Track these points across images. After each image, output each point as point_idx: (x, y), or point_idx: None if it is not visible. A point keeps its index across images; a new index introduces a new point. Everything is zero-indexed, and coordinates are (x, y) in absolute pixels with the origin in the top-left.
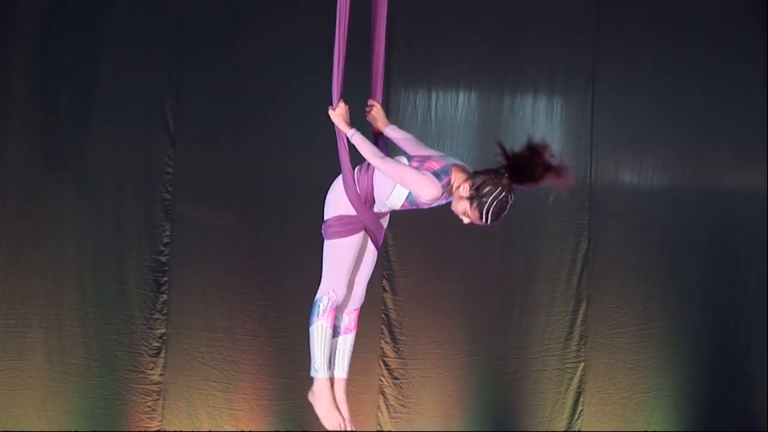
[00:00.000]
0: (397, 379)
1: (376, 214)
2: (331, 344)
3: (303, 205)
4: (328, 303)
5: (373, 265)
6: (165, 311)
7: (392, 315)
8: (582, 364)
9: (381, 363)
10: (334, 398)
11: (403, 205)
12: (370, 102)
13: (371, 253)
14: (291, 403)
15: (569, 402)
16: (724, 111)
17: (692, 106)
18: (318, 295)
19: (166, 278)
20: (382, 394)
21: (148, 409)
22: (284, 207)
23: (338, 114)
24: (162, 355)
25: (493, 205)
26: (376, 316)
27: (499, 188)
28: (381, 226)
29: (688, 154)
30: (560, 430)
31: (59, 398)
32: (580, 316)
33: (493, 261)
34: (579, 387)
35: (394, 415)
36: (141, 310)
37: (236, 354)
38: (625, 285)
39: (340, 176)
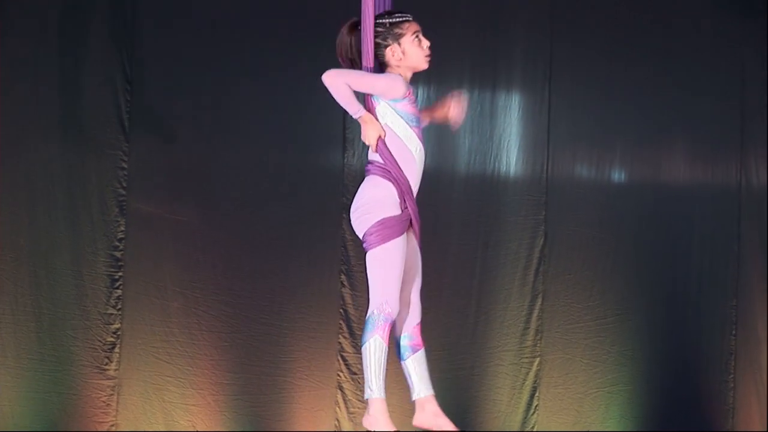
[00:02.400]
0: (355, 374)
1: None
2: (386, 362)
3: (258, 201)
4: (381, 316)
5: (420, 271)
6: (119, 306)
7: (350, 310)
8: (538, 359)
9: (339, 358)
10: (389, 419)
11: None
12: None
13: (416, 256)
14: (247, 398)
15: (525, 397)
16: (679, 107)
17: (647, 103)
18: (370, 311)
19: (120, 273)
20: (340, 389)
21: (102, 404)
22: (239, 202)
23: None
24: (117, 350)
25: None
26: (335, 312)
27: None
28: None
29: (643, 150)
30: (516, 424)
31: (13, 393)
32: (536, 311)
33: (448, 256)
34: (535, 382)
35: (352, 410)
36: (95, 305)
37: (192, 349)
38: (581, 280)
39: (365, 184)
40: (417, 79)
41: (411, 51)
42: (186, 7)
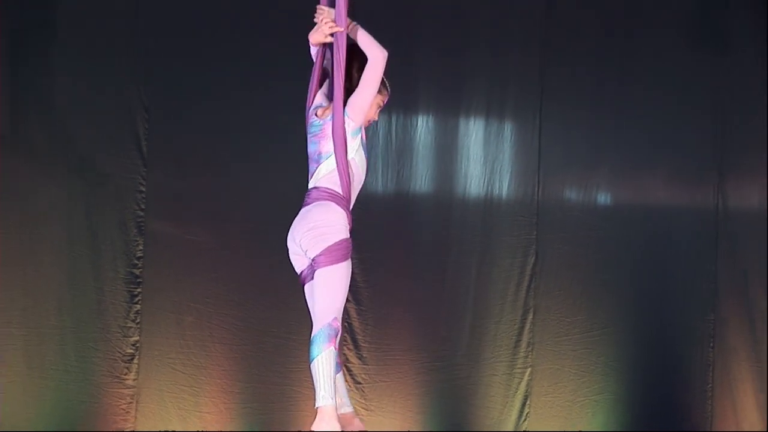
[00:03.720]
0: (359, 383)
1: None
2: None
3: (267, 222)
4: (333, 329)
5: None
6: (138, 320)
7: (355, 324)
8: (529, 369)
9: (344, 369)
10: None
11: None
12: None
13: None
14: (256, 406)
15: (517, 405)
16: (661, 135)
17: (631, 131)
18: (321, 325)
19: (139, 290)
20: None
21: (122, 411)
22: (250, 223)
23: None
24: (135, 361)
25: None
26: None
27: None
28: None
29: (628, 175)
30: (509, 430)
31: (39, 402)
32: (528, 325)
33: (447, 273)
34: (526, 391)
35: (357, 417)
36: (115, 320)
37: (205, 360)
38: (570, 296)
39: (319, 207)
40: (416, 108)
41: (374, 109)
42: (201, 38)
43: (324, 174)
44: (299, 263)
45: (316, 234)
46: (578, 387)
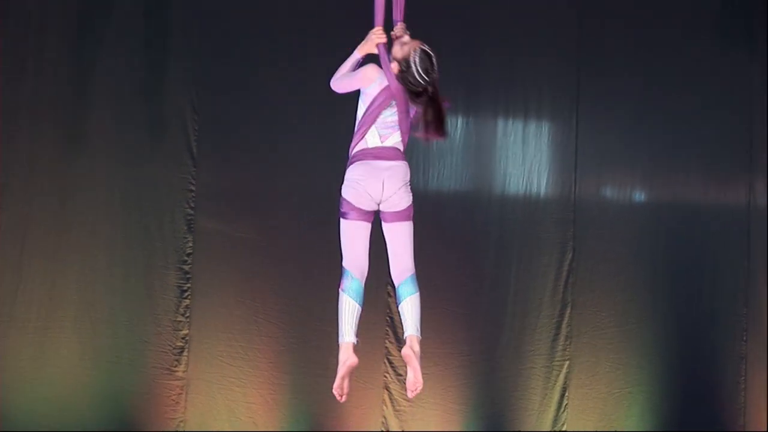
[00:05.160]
0: (400, 375)
1: None
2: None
3: (312, 219)
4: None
5: None
6: (188, 314)
7: (396, 318)
8: (567, 362)
9: (386, 361)
10: None
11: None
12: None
13: None
14: (302, 398)
15: (556, 396)
16: (699, 132)
17: (668, 128)
18: (413, 271)
19: (188, 285)
20: (387, 390)
21: (172, 402)
22: (295, 221)
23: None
24: (185, 354)
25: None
26: (382, 319)
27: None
28: None
29: (663, 172)
30: (548, 421)
31: (91, 393)
32: (566, 319)
33: (487, 269)
34: (564, 383)
35: (398, 408)
36: (166, 314)
37: (252, 353)
38: (606, 290)
39: (406, 166)
40: (456, 110)
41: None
42: (251, 41)
43: (398, 140)
44: (367, 203)
45: (407, 191)
46: (614, 379)
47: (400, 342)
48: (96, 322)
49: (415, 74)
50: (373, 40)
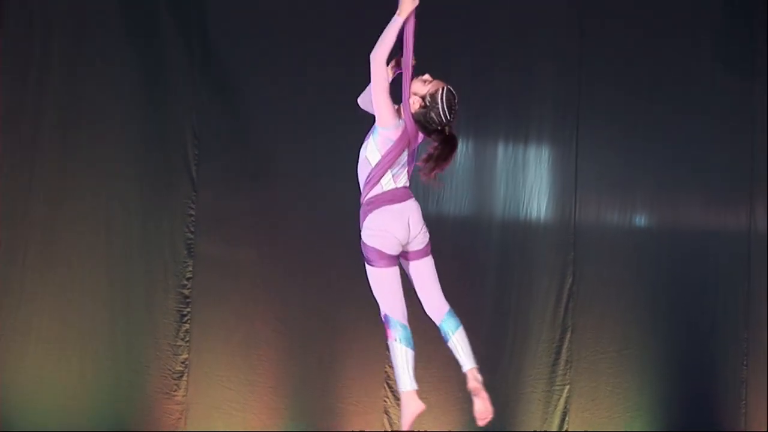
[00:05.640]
0: (399, 400)
1: None
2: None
3: (312, 244)
4: None
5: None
6: (187, 339)
7: None
8: (567, 386)
9: (385, 385)
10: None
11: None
12: None
13: None
14: (301, 422)
15: (556, 421)
16: (699, 156)
17: (665, 154)
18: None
19: (188, 309)
20: (386, 414)
21: (171, 426)
22: (295, 245)
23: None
24: (185, 378)
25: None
26: (381, 343)
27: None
28: None
29: (661, 197)
30: None
31: (91, 416)
32: (566, 343)
33: (487, 293)
34: (565, 407)
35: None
36: (165, 338)
37: (252, 377)
38: (606, 315)
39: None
40: (459, 132)
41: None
42: (249, 64)
43: (407, 178)
44: (396, 248)
45: (425, 226)
46: (615, 404)
47: None
48: (95, 346)
49: (440, 111)
50: (409, 3)
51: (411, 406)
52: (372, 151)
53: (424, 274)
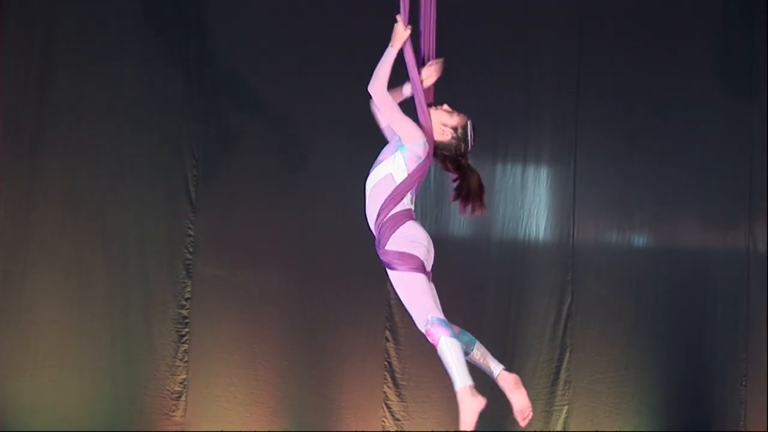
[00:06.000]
0: (398, 420)
1: None
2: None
3: (310, 265)
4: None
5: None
6: (186, 359)
7: (394, 362)
8: (566, 406)
9: (384, 406)
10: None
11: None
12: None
13: None
14: None
15: None
16: (698, 177)
17: (664, 175)
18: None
19: (187, 330)
20: None
21: None
22: (293, 267)
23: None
24: (183, 398)
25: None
26: (380, 364)
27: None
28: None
29: (661, 217)
30: None
31: None
32: (565, 363)
33: (486, 314)
34: (564, 427)
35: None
36: (164, 358)
37: (251, 398)
38: (604, 335)
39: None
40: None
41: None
42: (249, 85)
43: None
44: (430, 261)
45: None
46: (613, 425)
47: (398, 387)
48: (95, 366)
49: (469, 142)
50: (401, 34)
51: (473, 403)
52: (399, 167)
53: (434, 290)
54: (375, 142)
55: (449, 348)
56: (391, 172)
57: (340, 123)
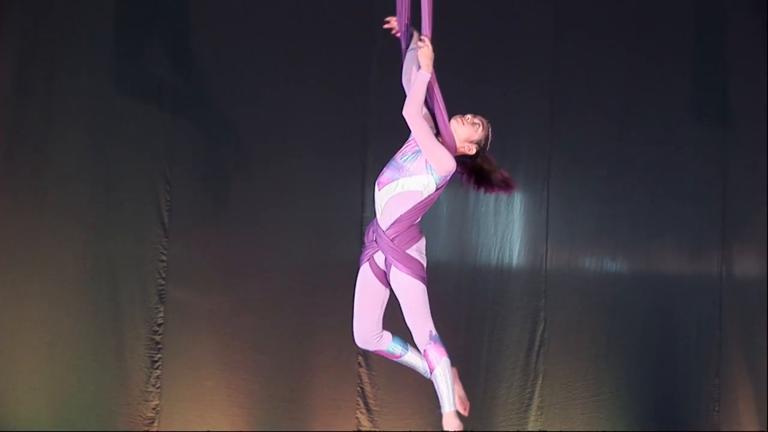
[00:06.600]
0: None
1: None
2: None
3: (284, 292)
4: None
5: None
6: (158, 385)
7: (367, 388)
8: None
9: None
10: None
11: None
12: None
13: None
14: None
15: None
16: (671, 203)
17: (637, 200)
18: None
19: (159, 355)
20: None
21: None
22: (267, 293)
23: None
24: (155, 424)
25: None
26: (353, 389)
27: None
28: None
29: (634, 242)
30: None
31: None
32: (538, 389)
33: (459, 339)
34: None
35: None
36: (137, 384)
37: (224, 424)
38: (577, 361)
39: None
40: None
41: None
42: (223, 112)
43: None
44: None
45: None
46: None
47: (371, 413)
48: (66, 393)
49: (488, 147)
50: (431, 56)
51: (458, 426)
52: (429, 183)
53: None
54: (351, 166)
55: (445, 373)
56: (421, 190)
57: (318, 149)
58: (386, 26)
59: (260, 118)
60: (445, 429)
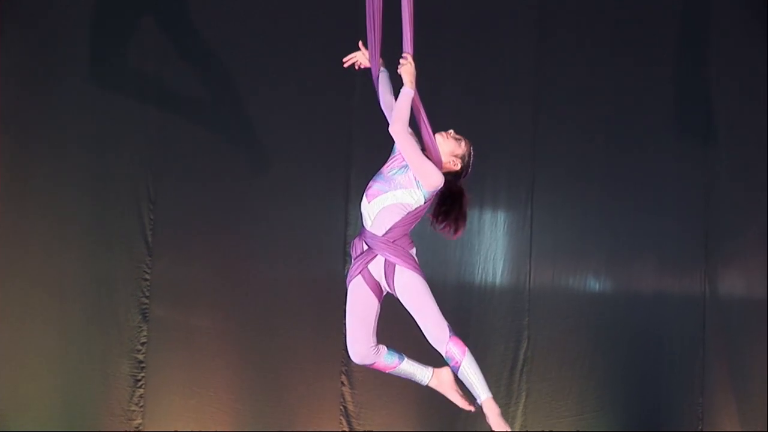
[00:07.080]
0: None
1: None
2: None
3: (266, 311)
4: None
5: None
6: (141, 404)
7: (350, 407)
8: None
9: None
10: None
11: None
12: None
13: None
14: None
15: None
16: (654, 222)
17: (620, 219)
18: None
19: (142, 374)
20: None
21: None
22: (249, 313)
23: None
24: None
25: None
26: (335, 408)
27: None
28: None
29: (617, 262)
30: None
31: None
32: (521, 408)
33: (442, 358)
34: None
35: None
36: (119, 403)
37: None
38: (561, 380)
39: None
40: None
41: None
42: (207, 128)
43: None
44: None
45: None
46: None
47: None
48: (48, 413)
49: (470, 165)
50: (411, 71)
51: (497, 408)
52: (418, 197)
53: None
54: (335, 185)
55: (471, 365)
56: (411, 202)
57: (301, 167)
58: (347, 64)
59: (244, 138)
60: (486, 413)
